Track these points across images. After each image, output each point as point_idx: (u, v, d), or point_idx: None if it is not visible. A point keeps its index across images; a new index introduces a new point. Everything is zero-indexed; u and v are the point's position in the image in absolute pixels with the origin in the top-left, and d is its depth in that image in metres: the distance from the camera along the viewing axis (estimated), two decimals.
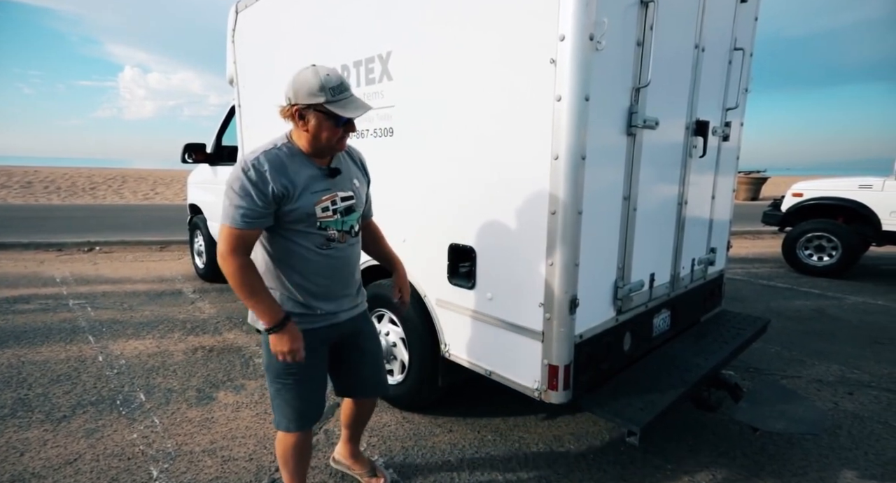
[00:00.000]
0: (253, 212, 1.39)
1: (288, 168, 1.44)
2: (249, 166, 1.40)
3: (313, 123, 1.43)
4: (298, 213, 1.45)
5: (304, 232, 1.49)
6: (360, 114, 1.44)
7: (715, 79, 2.55)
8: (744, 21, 2.70)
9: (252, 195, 1.38)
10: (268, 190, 1.39)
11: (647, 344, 2.43)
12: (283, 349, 1.44)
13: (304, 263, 1.51)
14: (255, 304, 1.43)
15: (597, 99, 1.76)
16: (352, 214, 1.59)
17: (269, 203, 1.40)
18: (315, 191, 1.48)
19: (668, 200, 2.37)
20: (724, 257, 3.13)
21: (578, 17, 1.63)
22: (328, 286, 1.57)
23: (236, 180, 1.40)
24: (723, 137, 2.75)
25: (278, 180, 1.41)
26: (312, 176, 1.48)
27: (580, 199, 1.78)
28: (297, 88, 1.40)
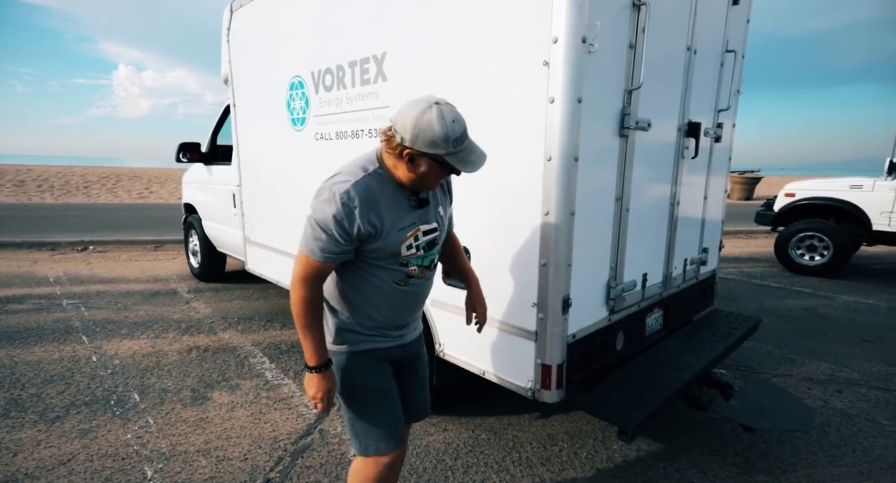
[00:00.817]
0: (334, 248, 1.28)
1: (379, 202, 1.29)
2: (337, 200, 1.24)
3: (423, 169, 1.28)
4: (383, 252, 1.33)
5: (385, 268, 1.38)
6: (479, 169, 1.30)
7: (707, 80, 2.57)
8: (736, 23, 2.73)
9: (334, 234, 1.25)
10: (353, 229, 1.26)
11: (639, 343, 2.46)
12: (311, 392, 1.38)
13: (379, 296, 1.41)
14: (304, 337, 1.35)
15: (589, 101, 1.77)
16: (434, 248, 1.46)
17: (352, 241, 1.28)
18: (402, 227, 1.34)
19: (660, 201, 2.40)
20: (716, 257, 3.16)
21: (571, 19, 1.65)
22: (399, 315, 1.49)
23: (320, 212, 1.26)
24: (715, 138, 2.78)
25: (367, 218, 1.26)
26: (401, 208, 1.34)
27: (573, 199, 1.80)
28: (418, 134, 1.21)
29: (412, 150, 1.24)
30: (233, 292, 5.09)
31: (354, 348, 1.45)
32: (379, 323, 1.45)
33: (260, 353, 3.50)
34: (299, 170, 3.26)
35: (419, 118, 1.20)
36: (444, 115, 1.20)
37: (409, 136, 1.22)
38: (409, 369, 1.62)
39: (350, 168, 1.32)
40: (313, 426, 2.55)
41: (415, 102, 1.23)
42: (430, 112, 1.20)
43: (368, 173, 1.30)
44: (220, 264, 5.43)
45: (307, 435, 2.47)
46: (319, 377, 1.37)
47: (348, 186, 1.25)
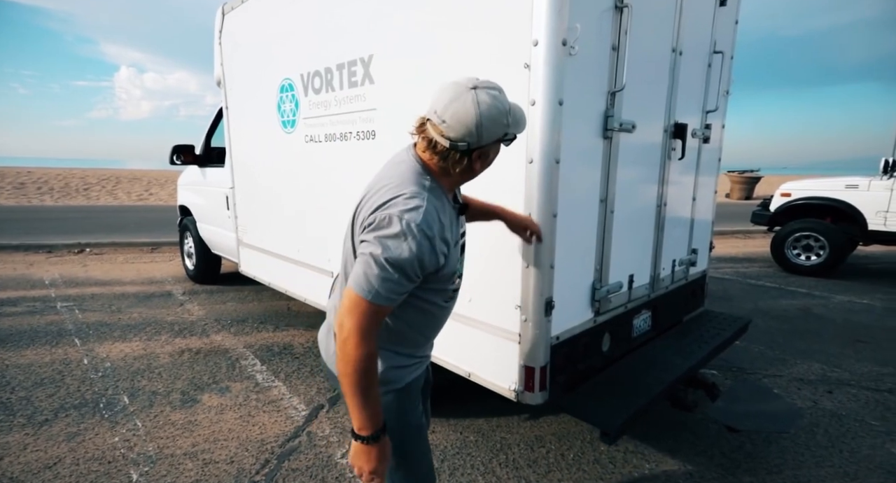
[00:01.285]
0: (404, 287, 1.08)
1: (443, 220, 1.12)
2: (417, 234, 1.04)
3: (491, 157, 1.17)
4: (446, 274, 1.18)
5: (439, 289, 1.22)
6: (526, 122, 1.20)
7: (694, 82, 2.57)
8: (723, 24, 2.73)
9: (408, 270, 1.05)
10: (430, 264, 1.08)
11: (626, 344, 2.46)
12: (367, 467, 1.12)
13: (427, 319, 1.27)
14: (365, 400, 1.09)
15: (571, 103, 1.77)
16: (465, 252, 1.35)
17: (421, 275, 1.10)
18: (457, 241, 1.21)
19: (646, 202, 2.39)
20: (706, 258, 3.16)
21: (551, 22, 1.65)
22: (436, 336, 1.39)
23: (395, 250, 1.04)
24: (703, 139, 2.78)
25: (440, 248, 1.09)
26: (454, 221, 1.20)
27: (555, 201, 1.80)
28: (489, 128, 1.07)
29: (484, 148, 1.11)
30: (227, 294, 5.09)
31: (398, 386, 1.27)
32: (419, 349, 1.32)
33: (252, 355, 3.50)
34: (290, 172, 3.27)
35: (480, 115, 1.05)
36: (491, 95, 1.07)
37: (476, 138, 1.08)
38: (426, 386, 1.52)
39: (408, 187, 1.10)
40: (301, 429, 2.55)
41: (459, 103, 1.05)
42: (482, 101, 1.05)
43: (428, 189, 1.12)
44: (215, 266, 5.44)
45: (295, 437, 2.47)
46: (378, 448, 1.12)
47: (423, 213, 1.06)
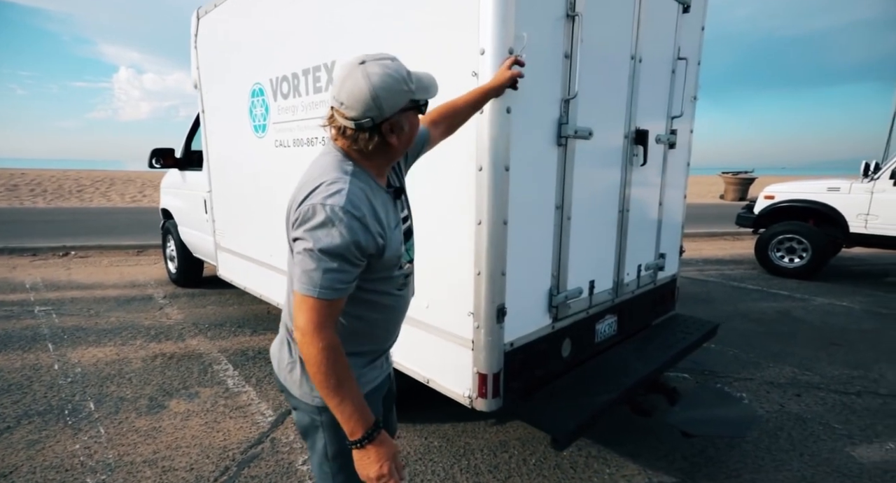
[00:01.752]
0: (348, 275, 1.03)
1: (376, 203, 1.09)
2: (342, 216, 1.00)
3: (407, 126, 1.11)
4: (391, 260, 1.14)
5: (388, 277, 1.18)
6: (437, 87, 1.16)
7: (657, 88, 2.59)
8: (688, 31, 2.75)
9: (347, 255, 1.01)
10: (369, 245, 1.04)
11: (590, 349, 2.47)
12: (374, 471, 1.04)
13: (381, 312, 1.22)
14: (342, 400, 1.02)
15: (520, 111, 1.79)
16: (412, 237, 1.30)
17: (363, 260, 1.06)
18: (395, 225, 1.16)
19: (607, 208, 2.41)
20: (676, 262, 3.18)
21: (497, 31, 1.66)
22: (395, 329, 1.32)
23: (324, 238, 1.00)
24: (669, 145, 2.80)
25: (375, 228, 1.05)
26: (388, 204, 1.16)
27: (505, 209, 1.81)
28: (386, 97, 1.03)
29: (391, 119, 1.07)
30: (208, 298, 5.08)
31: None
32: (378, 349, 1.27)
33: (225, 360, 3.50)
34: (262, 176, 3.27)
35: (372, 86, 1.02)
36: (382, 64, 1.04)
37: (378, 111, 1.03)
38: (390, 395, 1.46)
39: (329, 175, 1.06)
40: (265, 436, 2.55)
41: (350, 81, 1.03)
42: (372, 74, 1.02)
43: (351, 174, 1.07)
44: (197, 269, 5.43)
45: (258, 444, 2.47)
46: (376, 447, 1.04)
47: (346, 195, 1.02)
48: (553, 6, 1.86)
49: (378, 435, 1.05)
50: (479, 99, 1.62)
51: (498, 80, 1.65)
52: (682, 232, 3.19)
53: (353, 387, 1.04)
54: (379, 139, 1.08)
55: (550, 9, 1.85)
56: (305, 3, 2.54)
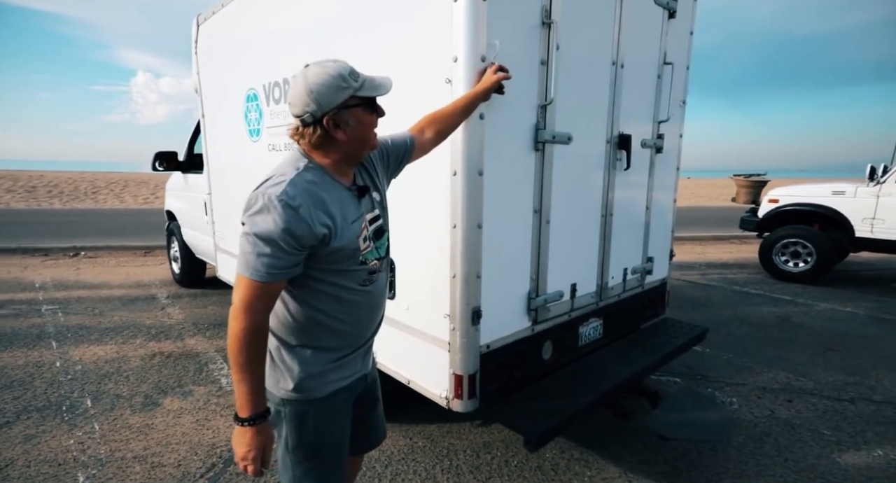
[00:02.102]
0: (282, 261, 1.08)
1: (325, 197, 1.14)
2: (277, 204, 1.06)
3: (353, 124, 1.16)
4: (342, 253, 1.18)
5: (347, 270, 1.22)
6: (390, 86, 1.21)
7: (642, 93, 2.60)
8: (676, 36, 2.76)
9: (281, 244, 1.06)
10: (303, 234, 1.08)
11: (573, 352, 2.48)
12: (241, 451, 1.13)
13: (342, 306, 1.24)
14: (241, 379, 1.10)
15: (495, 117, 1.82)
16: (383, 236, 1.33)
17: (302, 249, 1.10)
18: (353, 220, 1.20)
19: (589, 213, 2.42)
20: (665, 266, 3.18)
21: (469, 39, 1.70)
22: (364, 326, 1.33)
23: (260, 223, 1.07)
24: (656, 149, 2.81)
25: (316, 217, 1.10)
26: (345, 200, 1.20)
27: (479, 213, 1.84)
28: (321, 93, 1.10)
29: (331, 114, 1.13)
30: (210, 298, 5.18)
31: (317, 394, 1.24)
32: (345, 347, 1.29)
33: (221, 360, 3.57)
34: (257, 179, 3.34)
35: (308, 84, 1.11)
36: (322, 65, 1.14)
37: (315, 105, 1.11)
38: (370, 399, 1.48)
39: (279, 170, 1.15)
40: None
41: (293, 82, 1.16)
42: (309, 73, 1.13)
43: (302, 169, 1.15)
44: (199, 270, 5.53)
45: None
46: (254, 432, 1.12)
47: (284, 186, 1.08)
48: (528, 15, 1.89)
49: (260, 423, 1.14)
50: (467, 104, 1.68)
51: (484, 85, 1.69)
52: (672, 236, 3.19)
53: (257, 371, 1.13)
54: (322, 133, 1.15)
55: (525, 17, 1.88)
56: (294, 12, 2.61)
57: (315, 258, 1.15)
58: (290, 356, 1.23)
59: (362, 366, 1.38)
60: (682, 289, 5.95)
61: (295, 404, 1.24)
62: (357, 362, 1.35)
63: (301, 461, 1.27)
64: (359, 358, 1.36)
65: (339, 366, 1.29)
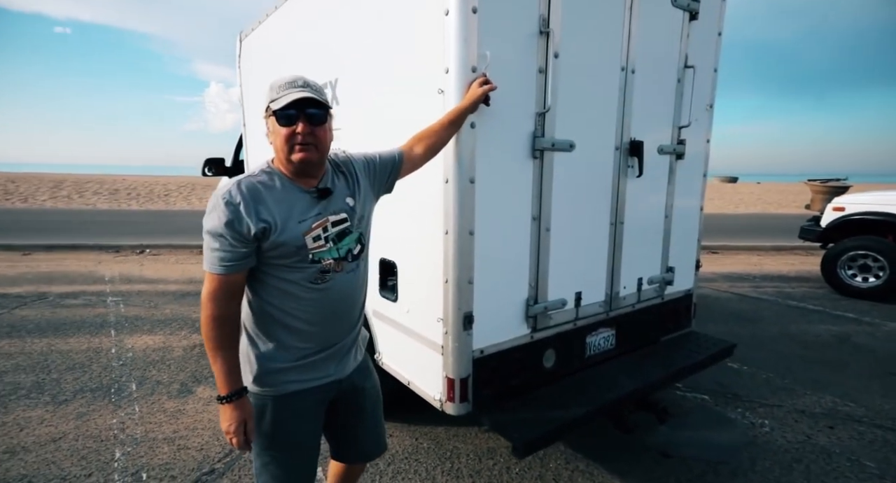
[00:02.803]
0: (231, 254, 1.20)
1: (267, 197, 1.24)
2: (221, 203, 1.19)
3: (270, 129, 1.28)
4: (286, 248, 1.25)
5: (294, 266, 1.28)
6: (288, 99, 1.22)
7: (658, 98, 2.53)
8: (700, 38, 2.65)
9: (227, 238, 1.19)
10: (244, 228, 1.19)
11: (579, 361, 2.44)
12: (224, 426, 1.26)
13: (296, 303, 1.29)
14: (213, 362, 1.24)
15: (488, 125, 1.85)
16: (346, 238, 1.36)
17: (247, 242, 1.21)
18: (303, 219, 1.27)
19: (595, 220, 2.38)
20: (690, 277, 3.04)
21: (459, 51, 1.75)
22: (326, 327, 1.36)
23: (209, 221, 1.21)
24: (676, 155, 2.70)
25: (255, 214, 1.20)
26: (297, 201, 1.28)
27: (470, 220, 1.88)
28: (264, 102, 1.26)
29: (265, 119, 1.31)
30: None
31: (279, 391, 1.31)
32: (307, 339, 1.33)
33: None
34: None
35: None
36: (286, 74, 1.29)
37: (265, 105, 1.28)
38: (350, 406, 1.50)
39: (241, 174, 1.31)
40: None
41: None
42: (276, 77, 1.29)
43: (254, 174, 1.29)
44: None
45: None
46: (231, 408, 1.25)
47: (230, 187, 1.23)
48: (524, 24, 1.91)
49: (237, 400, 1.26)
50: (455, 118, 1.73)
51: (470, 98, 1.74)
52: (698, 245, 3.05)
53: (227, 355, 1.25)
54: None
55: (521, 26, 1.90)
56: (316, 27, 2.77)
57: (261, 252, 1.26)
58: (253, 350, 1.32)
59: (336, 370, 1.40)
60: (729, 302, 5.62)
61: (254, 396, 1.33)
62: (328, 366, 1.38)
63: (259, 452, 1.36)
64: (330, 361, 1.38)
65: (303, 366, 1.34)
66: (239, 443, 1.27)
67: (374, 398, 1.58)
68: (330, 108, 1.34)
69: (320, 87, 1.33)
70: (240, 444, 1.27)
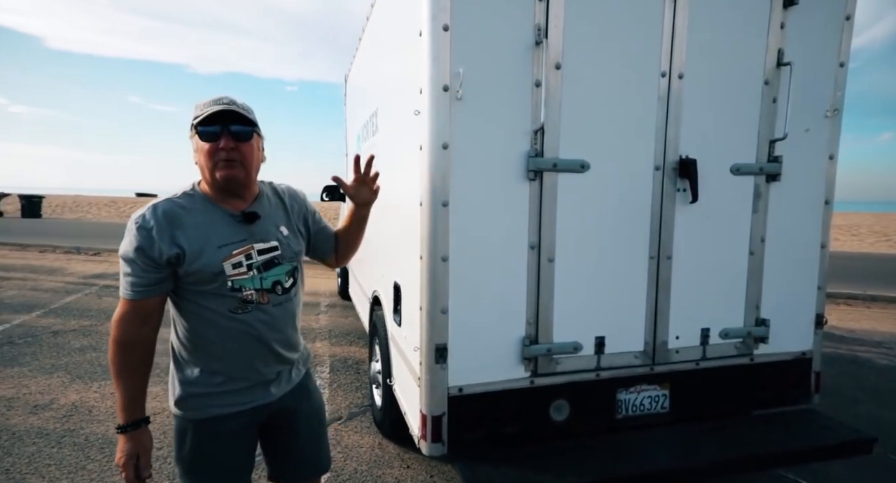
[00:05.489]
0: (142, 279, 1.17)
1: (184, 220, 1.20)
2: (133, 227, 1.17)
3: (195, 147, 1.23)
4: (202, 275, 1.20)
5: (213, 293, 1.22)
6: (209, 112, 1.19)
7: (726, 107, 2.04)
8: (806, 26, 2.08)
9: (138, 263, 1.16)
10: (155, 253, 1.16)
11: (606, 421, 2.04)
12: (116, 457, 1.21)
13: (216, 331, 1.24)
14: (116, 388, 1.20)
15: (465, 146, 1.74)
16: (274, 268, 1.29)
17: (159, 267, 1.18)
18: (224, 244, 1.22)
19: (626, 253, 1.99)
20: (806, 335, 2.30)
21: (430, 69, 1.69)
22: (245, 360, 1.28)
23: (122, 245, 1.18)
24: (768, 177, 2.13)
25: (168, 237, 1.17)
26: (219, 224, 1.24)
27: (444, 245, 1.76)
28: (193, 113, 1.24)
29: (190, 137, 1.25)
30: (353, 311, 5.97)
31: (197, 415, 1.26)
32: (228, 373, 1.27)
33: (328, 364, 4.10)
34: None
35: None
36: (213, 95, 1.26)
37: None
38: (283, 429, 1.43)
39: (156, 199, 1.26)
40: None
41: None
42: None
43: (174, 197, 1.25)
44: None
45: None
46: (124, 440, 1.20)
47: (143, 211, 1.20)
48: (514, 36, 1.75)
49: (131, 431, 1.20)
50: (347, 224, 1.56)
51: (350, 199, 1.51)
52: (819, 294, 2.31)
53: (128, 383, 1.20)
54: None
55: (511, 38, 1.75)
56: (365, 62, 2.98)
57: (178, 278, 1.21)
58: (177, 373, 1.28)
59: (263, 395, 1.32)
60: (867, 373, 4.11)
61: (176, 420, 1.28)
62: (253, 392, 1.31)
63: (183, 473, 1.30)
64: (255, 389, 1.31)
65: (228, 392, 1.27)
66: (127, 477, 1.20)
67: (311, 419, 1.47)
68: (256, 127, 1.27)
69: (249, 108, 1.26)
70: (128, 477, 1.20)
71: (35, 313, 5.47)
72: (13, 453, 2.66)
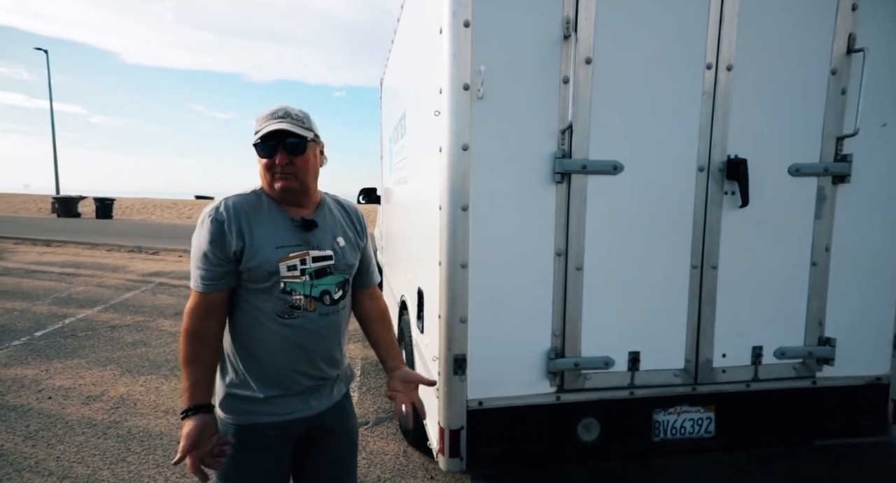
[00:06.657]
0: (212, 273, 1.21)
1: (251, 217, 1.25)
2: (207, 219, 1.21)
3: (259, 160, 1.28)
4: (258, 272, 1.22)
5: (265, 294, 1.25)
6: (265, 131, 1.22)
7: (782, 101, 1.83)
8: (881, 8, 1.85)
9: (209, 255, 1.20)
10: (226, 245, 1.20)
11: (642, 443, 1.88)
12: (180, 442, 1.18)
13: (261, 333, 1.25)
14: (182, 375, 1.23)
15: (487, 148, 1.66)
16: (326, 278, 1.31)
17: (228, 260, 1.21)
18: (281, 245, 1.25)
19: (665, 262, 1.82)
20: (883, 357, 2.04)
21: (450, 68, 1.61)
22: (289, 368, 1.28)
23: (195, 237, 1.23)
24: (835, 178, 1.90)
25: (237, 231, 1.22)
26: (280, 227, 1.27)
27: (463, 251, 1.68)
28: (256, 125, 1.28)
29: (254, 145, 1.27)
30: None
31: (239, 421, 1.26)
32: (266, 373, 1.27)
33: (359, 365, 4.11)
34: (393, 209, 3.81)
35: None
36: (272, 106, 1.27)
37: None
38: (318, 446, 1.38)
39: (228, 196, 1.31)
40: None
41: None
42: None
43: (244, 194, 1.30)
44: None
45: None
46: (185, 425, 1.18)
47: (217, 204, 1.24)
48: (541, 30, 1.64)
49: (192, 416, 1.18)
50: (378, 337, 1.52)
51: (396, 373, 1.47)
52: None
53: (193, 371, 1.21)
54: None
55: (537, 33, 1.64)
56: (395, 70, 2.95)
57: (239, 274, 1.24)
58: (223, 375, 1.29)
59: (304, 408, 1.31)
60: None
61: (222, 426, 1.26)
62: (293, 403, 1.30)
63: (217, 478, 1.27)
64: (295, 399, 1.30)
65: (266, 400, 1.26)
66: (190, 463, 1.17)
67: (345, 444, 1.42)
68: (311, 138, 1.28)
69: (304, 116, 1.28)
70: (190, 463, 1.17)
71: (97, 308, 5.86)
72: (65, 442, 2.82)
